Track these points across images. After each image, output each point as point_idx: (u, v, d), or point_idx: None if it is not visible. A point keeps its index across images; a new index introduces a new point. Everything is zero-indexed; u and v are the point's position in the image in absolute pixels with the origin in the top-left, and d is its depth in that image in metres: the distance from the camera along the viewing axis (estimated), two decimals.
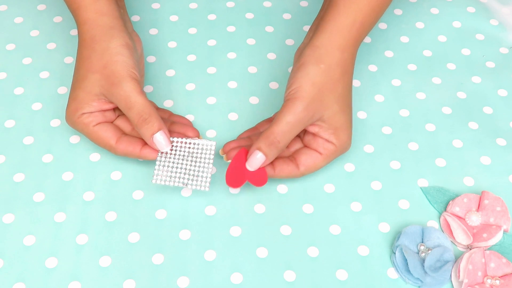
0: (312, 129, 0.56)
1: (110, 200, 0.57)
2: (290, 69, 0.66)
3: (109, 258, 0.54)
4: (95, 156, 0.60)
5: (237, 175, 0.55)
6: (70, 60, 0.68)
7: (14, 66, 0.68)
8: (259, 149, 0.54)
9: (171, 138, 0.56)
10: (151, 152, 0.56)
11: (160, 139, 0.55)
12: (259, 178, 0.55)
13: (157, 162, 0.56)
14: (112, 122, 0.58)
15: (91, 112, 0.57)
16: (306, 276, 0.53)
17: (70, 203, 0.57)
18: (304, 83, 0.54)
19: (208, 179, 0.55)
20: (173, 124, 0.59)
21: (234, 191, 0.58)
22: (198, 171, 0.56)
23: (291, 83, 0.55)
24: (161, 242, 0.55)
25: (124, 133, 0.58)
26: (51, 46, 0.70)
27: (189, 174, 0.55)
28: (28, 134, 0.62)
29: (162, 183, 0.55)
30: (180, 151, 0.56)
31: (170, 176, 0.55)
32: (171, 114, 0.61)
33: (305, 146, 0.57)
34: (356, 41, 0.57)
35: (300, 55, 0.57)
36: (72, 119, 0.57)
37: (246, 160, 0.55)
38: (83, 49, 0.57)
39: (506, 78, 0.68)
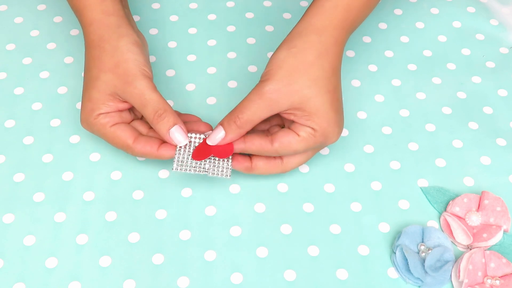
0: (288, 116, 0.55)
1: (110, 200, 0.57)
2: None
3: (109, 258, 0.54)
4: (95, 156, 0.60)
5: (203, 150, 0.55)
6: (70, 60, 0.68)
7: (14, 66, 0.68)
8: (221, 124, 0.54)
9: (188, 134, 0.56)
10: (168, 150, 0.55)
11: (177, 133, 0.55)
12: (223, 151, 0.55)
13: (177, 152, 0.55)
14: (129, 123, 0.58)
15: (108, 113, 0.56)
16: (306, 276, 0.53)
17: (70, 203, 0.57)
18: (273, 67, 0.53)
19: (230, 167, 0.55)
20: (184, 123, 0.59)
21: (234, 190, 0.58)
22: (219, 160, 0.55)
23: (265, 68, 0.54)
24: (161, 242, 0.55)
25: (141, 134, 0.57)
26: (51, 46, 0.69)
27: (209, 163, 0.55)
28: (28, 134, 0.62)
29: (183, 170, 0.54)
30: (198, 143, 0.56)
31: (191, 165, 0.55)
32: (179, 113, 0.61)
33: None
34: (341, 24, 0.55)
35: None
36: (89, 120, 0.56)
37: None
38: (92, 49, 0.57)
39: (506, 78, 0.68)
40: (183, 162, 0.54)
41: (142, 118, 0.59)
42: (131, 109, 0.58)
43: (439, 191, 0.58)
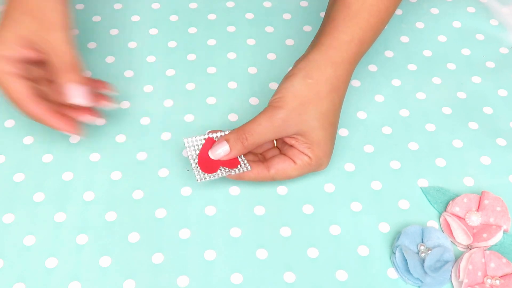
0: (289, 141, 0.56)
1: (110, 200, 0.57)
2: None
3: (109, 258, 0.54)
4: (95, 156, 0.60)
5: (211, 163, 0.55)
6: None
7: None
8: (227, 140, 0.55)
9: (188, 138, 0.56)
10: (59, 122, 0.54)
11: (76, 89, 0.53)
12: (230, 162, 0.55)
13: (192, 163, 0.55)
14: (31, 80, 0.55)
15: (13, 59, 0.53)
16: (306, 277, 0.53)
17: (70, 203, 0.57)
18: (287, 94, 0.54)
19: (245, 160, 0.56)
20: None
21: (234, 192, 0.58)
22: None
23: (277, 92, 0.55)
24: (161, 242, 0.55)
25: (39, 95, 0.55)
26: None
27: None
28: (28, 134, 0.62)
29: (208, 179, 0.54)
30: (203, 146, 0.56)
31: (217, 174, 0.55)
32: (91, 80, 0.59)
33: (281, 154, 0.58)
34: (354, 58, 0.57)
35: (293, 66, 0.57)
36: None
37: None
38: None
39: (506, 78, 0.68)
40: (204, 173, 0.55)
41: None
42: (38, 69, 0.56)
43: (439, 191, 0.58)
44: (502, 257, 0.53)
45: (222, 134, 0.56)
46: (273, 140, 0.58)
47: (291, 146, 0.56)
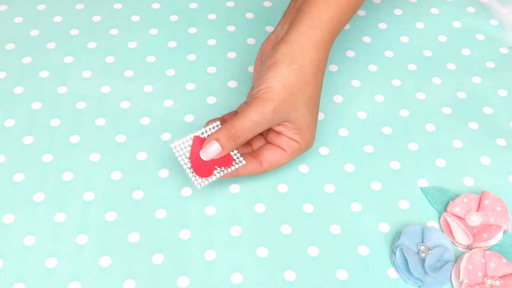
0: (277, 128, 0.55)
1: (110, 200, 0.57)
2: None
3: (109, 258, 0.54)
4: (95, 156, 0.60)
5: (205, 165, 0.54)
6: (70, 59, 0.68)
7: (14, 65, 0.68)
8: (217, 139, 0.54)
9: (174, 143, 0.55)
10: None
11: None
12: (224, 161, 0.54)
13: (186, 169, 0.54)
14: None
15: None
16: (306, 276, 0.53)
17: (70, 203, 0.57)
18: (275, 84, 0.53)
19: (238, 154, 0.55)
20: None
21: (234, 190, 0.58)
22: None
23: (262, 81, 0.54)
24: (161, 242, 0.55)
25: None
26: (51, 46, 0.69)
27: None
28: (28, 134, 0.62)
29: (206, 182, 0.54)
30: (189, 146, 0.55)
31: (214, 175, 0.54)
32: None
33: (268, 142, 0.57)
34: (332, 38, 0.56)
35: (273, 50, 0.55)
36: None
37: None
38: None
39: (506, 78, 0.68)
40: (201, 178, 0.54)
41: None
42: None
43: (439, 191, 0.58)
44: (502, 257, 0.53)
45: (212, 126, 0.55)
46: None
47: (279, 133, 0.56)
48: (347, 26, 0.72)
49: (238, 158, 0.55)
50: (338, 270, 0.54)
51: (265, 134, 0.58)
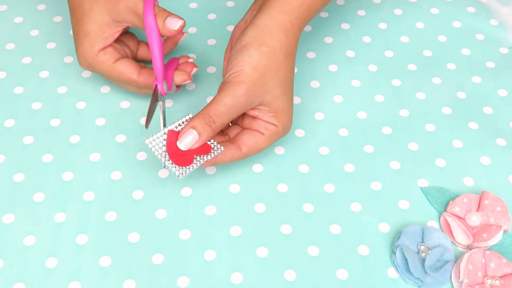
0: (252, 112, 0.55)
1: (110, 200, 0.57)
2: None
3: (109, 258, 0.54)
4: (95, 156, 0.60)
5: (184, 155, 0.53)
6: (70, 59, 0.68)
7: (14, 65, 0.68)
8: (194, 127, 0.53)
9: (148, 138, 0.54)
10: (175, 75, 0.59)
11: (173, 18, 0.56)
12: (202, 149, 0.54)
13: (164, 162, 0.53)
14: (127, 57, 0.60)
15: (106, 48, 0.57)
16: (306, 276, 0.53)
17: (70, 203, 0.57)
18: (246, 67, 0.53)
19: (215, 142, 0.54)
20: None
21: (234, 190, 0.58)
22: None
23: (233, 65, 0.54)
24: (161, 242, 0.55)
25: (142, 66, 0.59)
26: (51, 46, 0.69)
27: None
28: (28, 134, 0.62)
29: (188, 171, 0.53)
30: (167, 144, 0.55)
31: (195, 164, 0.54)
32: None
33: (245, 128, 0.57)
34: (301, 24, 0.56)
35: (242, 35, 0.55)
36: (89, 58, 0.58)
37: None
38: None
39: (506, 78, 0.68)
40: (182, 168, 0.53)
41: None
42: (120, 41, 0.60)
43: (439, 191, 0.58)
44: (502, 257, 0.53)
45: (185, 119, 0.55)
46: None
47: (255, 117, 0.56)
48: (347, 26, 0.72)
49: (215, 145, 0.54)
50: (338, 270, 0.54)
51: (241, 121, 0.57)
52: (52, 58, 0.68)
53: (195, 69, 0.61)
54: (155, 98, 0.57)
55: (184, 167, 0.53)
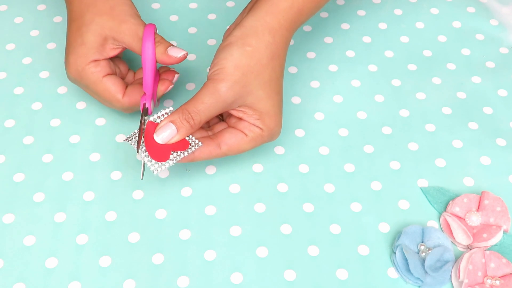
0: (236, 113, 0.54)
1: (110, 200, 0.57)
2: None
3: (109, 258, 0.54)
4: (95, 156, 0.60)
5: (160, 148, 0.53)
6: None
7: (14, 66, 0.68)
8: (173, 122, 0.53)
9: (128, 136, 0.55)
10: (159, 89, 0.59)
11: (174, 48, 0.56)
12: (180, 145, 0.53)
13: (141, 153, 0.53)
14: (115, 75, 0.59)
15: (99, 61, 0.57)
16: (306, 276, 0.53)
17: (70, 203, 0.57)
18: (227, 65, 0.52)
19: (193, 137, 0.54)
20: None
21: (234, 190, 0.58)
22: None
23: (214, 64, 0.53)
24: (161, 242, 0.55)
25: (126, 85, 0.59)
26: (51, 46, 0.69)
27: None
28: (28, 134, 0.62)
29: (164, 168, 0.52)
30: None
31: (171, 160, 0.53)
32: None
33: (231, 127, 0.56)
34: (291, 26, 0.55)
35: (228, 35, 0.55)
36: (80, 66, 0.57)
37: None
38: None
39: (506, 78, 0.68)
40: (157, 163, 0.52)
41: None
42: (114, 63, 0.60)
43: (439, 191, 0.58)
44: (502, 257, 0.53)
45: (165, 112, 0.54)
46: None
47: (240, 119, 0.55)
48: (347, 26, 0.72)
49: (193, 141, 0.54)
50: (338, 270, 0.54)
51: (228, 120, 0.57)
52: (52, 58, 0.68)
53: (176, 75, 0.61)
54: (144, 114, 0.57)
55: (160, 163, 0.52)
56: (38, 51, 0.69)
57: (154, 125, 0.53)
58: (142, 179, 0.55)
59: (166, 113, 0.54)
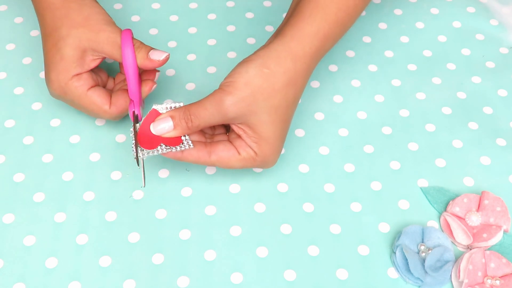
0: (236, 130, 0.54)
1: (110, 200, 0.57)
2: None
3: (109, 258, 0.54)
4: (95, 156, 0.60)
5: (151, 138, 0.53)
6: None
7: (14, 66, 0.68)
8: (172, 117, 0.53)
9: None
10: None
11: (156, 51, 0.56)
12: (172, 140, 0.53)
13: (132, 137, 0.54)
14: (99, 85, 0.59)
15: (81, 74, 0.56)
16: (306, 276, 0.53)
17: (70, 203, 0.57)
18: (239, 80, 0.52)
19: (188, 138, 0.54)
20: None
21: (234, 190, 0.58)
22: None
23: (229, 75, 0.53)
24: (161, 242, 0.55)
25: (110, 94, 0.58)
26: None
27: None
28: (28, 134, 0.62)
29: (146, 155, 0.53)
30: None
31: (157, 150, 0.53)
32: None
33: (229, 141, 0.55)
34: (316, 54, 0.54)
35: (253, 53, 0.54)
36: (63, 81, 0.56)
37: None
38: (55, 11, 0.57)
39: (506, 78, 0.68)
40: (144, 150, 0.53)
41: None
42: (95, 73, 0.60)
43: (439, 191, 0.58)
44: (502, 257, 0.53)
45: (173, 105, 0.54)
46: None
47: (239, 136, 0.54)
48: None
49: (187, 141, 0.53)
50: (338, 270, 0.54)
51: (229, 134, 0.56)
52: None
53: (157, 74, 0.60)
54: (135, 122, 0.56)
55: (144, 150, 0.52)
56: (38, 51, 0.69)
57: (157, 114, 0.54)
58: (144, 186, 0.55)
59: (174, 106, 0.54)
